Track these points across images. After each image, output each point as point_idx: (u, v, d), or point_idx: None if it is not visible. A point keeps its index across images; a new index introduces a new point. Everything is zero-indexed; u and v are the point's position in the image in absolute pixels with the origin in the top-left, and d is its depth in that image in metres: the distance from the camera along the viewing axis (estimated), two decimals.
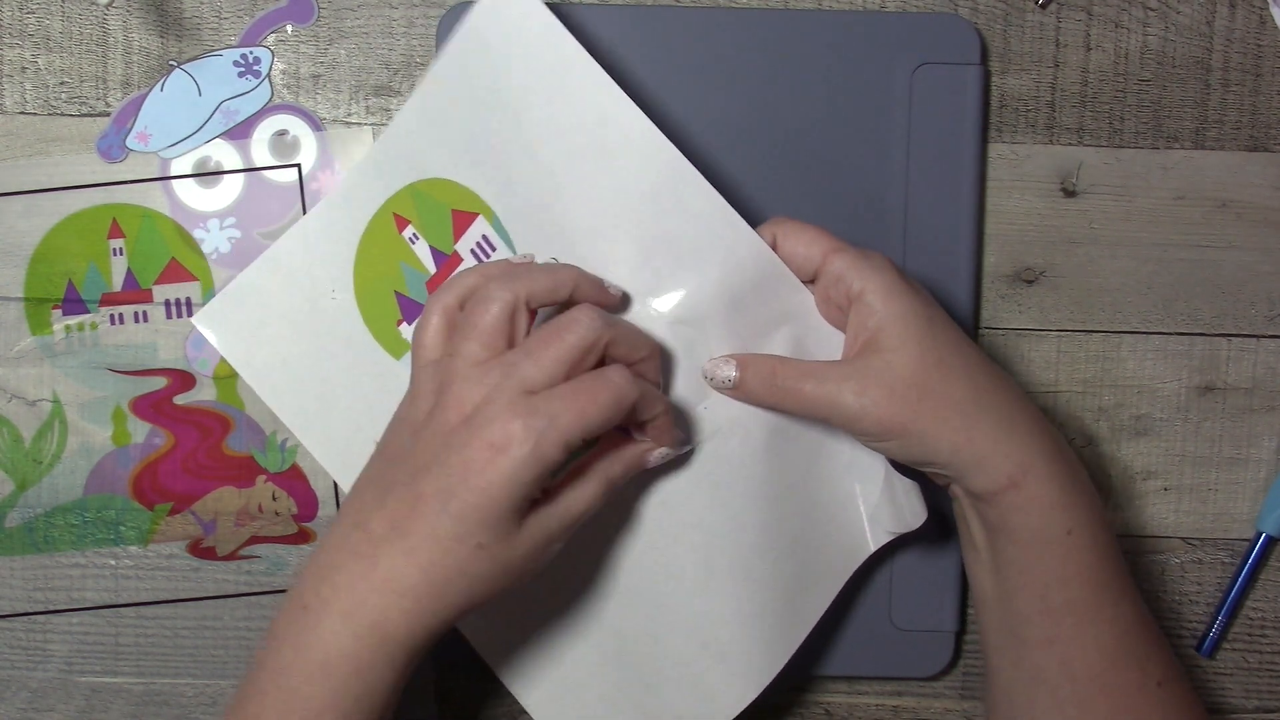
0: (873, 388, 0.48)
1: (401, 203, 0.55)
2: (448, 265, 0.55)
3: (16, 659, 0.60)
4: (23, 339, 0.59)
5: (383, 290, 0.56)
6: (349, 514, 0.48)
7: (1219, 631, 0.60)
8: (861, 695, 0.61)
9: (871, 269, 0.49)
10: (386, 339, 0.56)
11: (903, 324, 0.48)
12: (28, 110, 0.59)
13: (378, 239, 0.55)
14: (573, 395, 0.46)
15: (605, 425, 0.46)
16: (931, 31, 0.58)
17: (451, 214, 0.54)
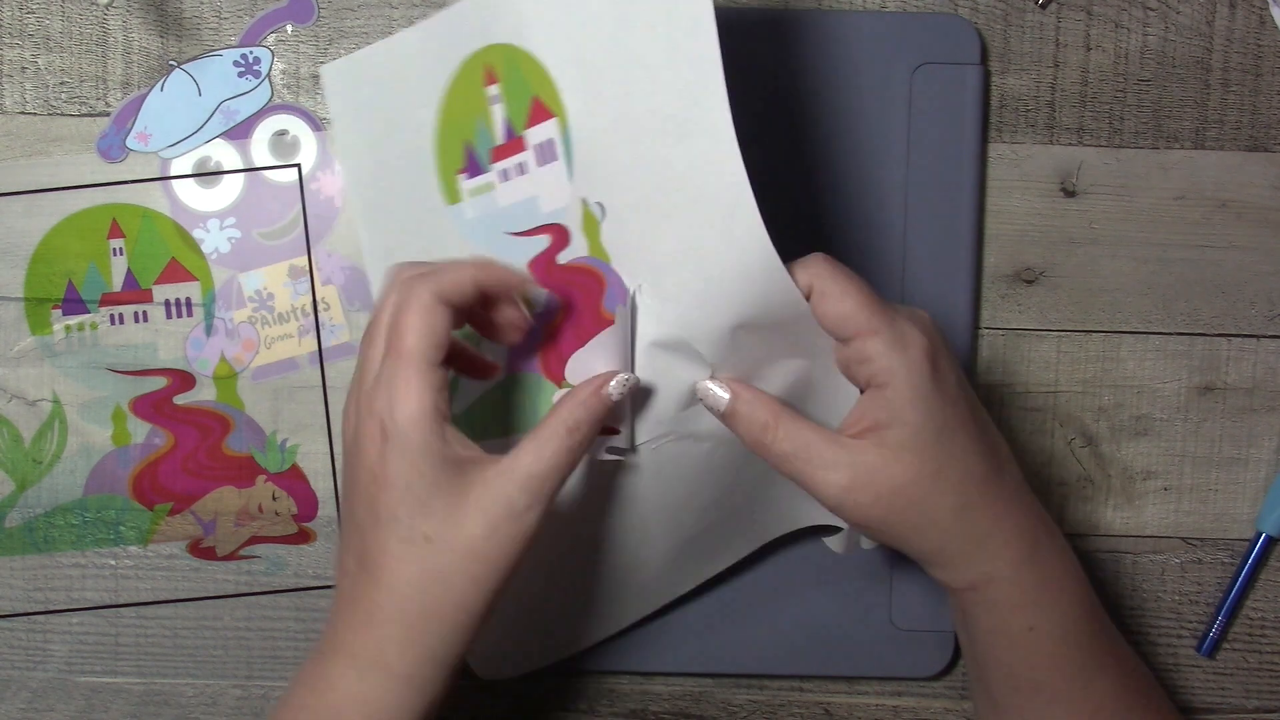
0: (860, 489, 0.46)
1: (495, 57, 0.52)
2: (513, 145, 0.52)
3: (16, 659, 0.60)
4: (23, 339, 0.59)
5: (457, 134, 0.54)
6: (338, 558, 0.48)
7: (1219, 631, 0.60)
8: (861, 695, 0.61)
9: (904, 364, 0.46)
10: (446, 180, 0.54)
11: (914, 431, 0.46)
12: (28, 110, 0.59)
13: (467, 81, 0.53)
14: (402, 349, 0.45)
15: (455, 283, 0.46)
16: (931, 31, 0.58)
17: (532, 100, 0.51)
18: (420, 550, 0.45)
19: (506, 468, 0.45)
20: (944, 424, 0.46)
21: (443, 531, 0.44)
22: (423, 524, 0.44)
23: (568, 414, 0.46)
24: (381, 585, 0.45)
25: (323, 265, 0.59)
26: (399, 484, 0.44)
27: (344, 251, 0.59)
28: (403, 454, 0.44)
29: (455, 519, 0.44)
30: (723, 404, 0.48)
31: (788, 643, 0.60)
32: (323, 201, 0.59)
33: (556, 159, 0.51)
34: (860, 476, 0.46)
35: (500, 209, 0.53)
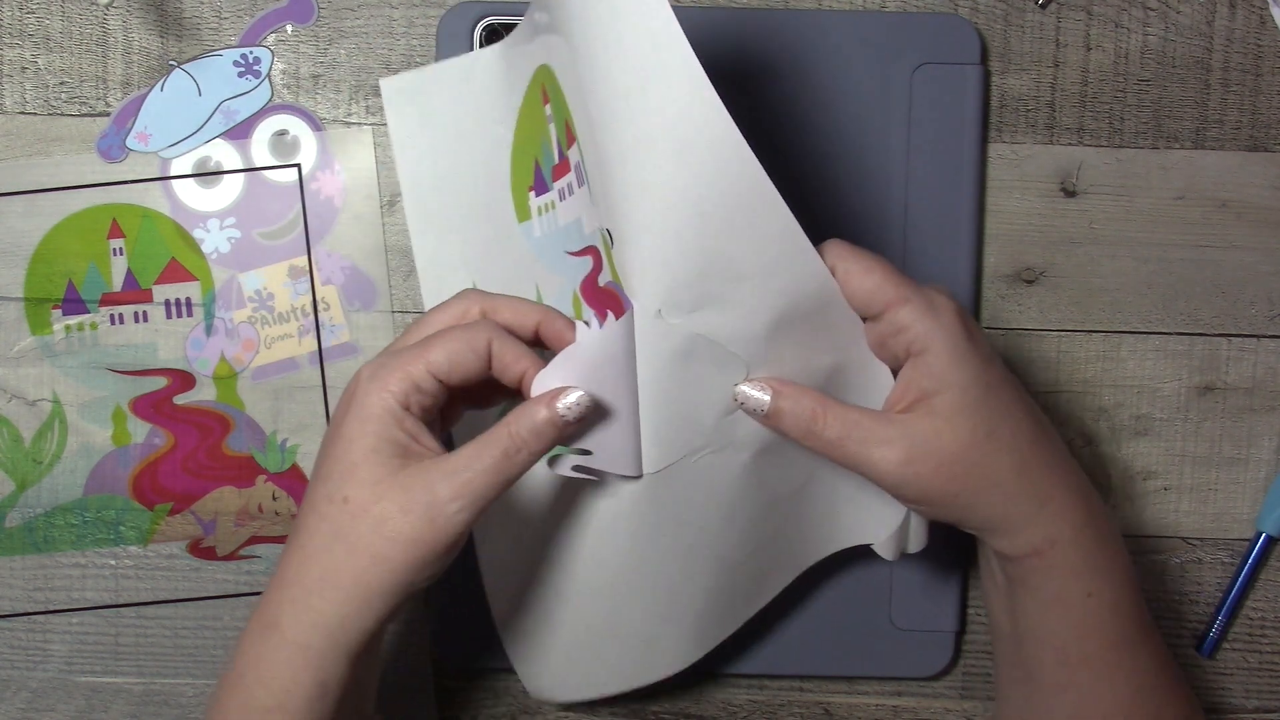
0: (918, 459, 0.46)
1: (546, 77, 0.51)
2: (563, 165, 0.52)
3: (16, 659, 0.60)
4: (23, 339, 0.59)
5: (530, 150, 0.53)
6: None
7: (1219, 631, 0.60)
8: (861, 695, 0.61)
9: (938, 327, 0.46)
10: (519, 197, 0.54)
11: (961, 393, 0.46)
12: (28, 110, 0.59)
13: (533, 99, 0.53)
14: (421, 344, 0.46)
15: (452, 363, 0.46)
16: (931, 31, 0.58)
17: (565, 123, 0.51)
18: (336, 510, 0.45)
19: (442, 461, 0.45)
20: (989, 381, 0.46)
21: (361, 497, 0.44)
22: (347, 487, 0.45)
23: (514, 428, 0.46)
24: (295, 544, 0.46)
25: (323, 265, 0.59)
26: (341, 446, 0.45)
27: (344, 251, 0.59)
28: (358, 422, 0.45)
29: (377, 491, 0.44)
30: (765, 404, 0.48)
31: (788, 643, 0.60)
32: (323, 201, 0.59)
33: (585, 182, 0.50)
34: (916, 448, 0.46)
35: (560, 227, 0.53)
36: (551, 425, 0.46)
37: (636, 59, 0.45)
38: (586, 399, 0.46)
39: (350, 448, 0.45)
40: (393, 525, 0.44)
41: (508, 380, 0.47)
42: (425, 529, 0.44)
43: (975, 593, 0.61)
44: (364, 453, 0.45)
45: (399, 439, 0.45)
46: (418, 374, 0.45)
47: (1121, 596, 0.49)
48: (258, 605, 0.47)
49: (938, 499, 0.47)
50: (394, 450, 0.45)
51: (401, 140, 0.57)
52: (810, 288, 0.47)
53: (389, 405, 0.45)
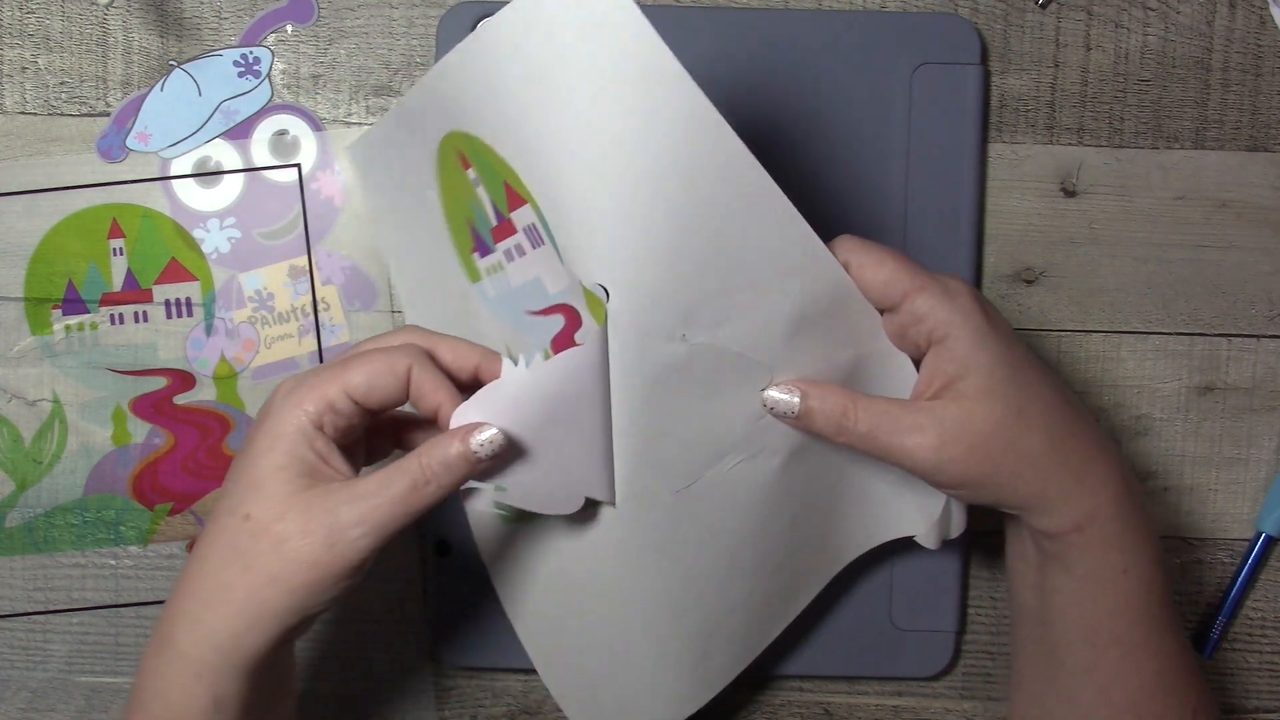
0: (951, 443, 0.46)
1: (461, 143, 0.50)
2: (505, 227, 0.51)
3: (16, 659, 0.60)
4: (23, 339, 0.59)
5: (460, 214, 0.53)
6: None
7: (1219, 631, 0.60)
8: (861, 695, 0.61)
9: (957, 312, 0.47)
10: (464, 259, 0.54)
11: (987, 374, 0.46)
12: (28, 110, 0.59)
13: (448, 166, 0.52)
14: (341, 364, 0.46)
15: (370, 385, 0.45)
16: (931, 31, 0.58)
17: (505, 186, 0.49)
18: (237, 526, 0.44)
19: (349, 486, 0.44)
20: (1013, 361, 0.47)
21: (263, 515, 0.44)
22: (250, 503, 0.44)
23: (426, 460, 0.45)
24: (196, 556, 0.46)
25: (323, 265, 0.59)
26: (249, 461, 0.45)
27: (344, 251, 0.59)
28: (269, 438, 0.45)
29: (279, 509, 0.44)
30: (795, 406, 0.48)
31: (788, 643, 0.60)
32: (323, 201, 0.59)
33: (544, 242, 0.49)
34: (948, 432, 0.46)
35: (514, 288, 0.52)
36: (464, 460, 0.45)
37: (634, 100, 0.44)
38: (501, 437, 0.45)
39: (258, 463, 0.45)
40: (292, 546, 0.44)
41: (424, 410, 0.47)
42: (324, 553, 0.44)
43: (975, 593, 0.61)
44: (271, 469, 0.44)
45: (308, 458, 0.45)
46: (333, 394, 0.45)
47: (1154, 575, 0.49)
48: (159, 616, 0.46)
49: (974, 481, 0.47)
50: (301, 469, 0.44)
51: (373, 204, 0.57)
52: (825, 285, 0.48)
53: (301, 424, 0.45)
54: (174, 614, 0.45)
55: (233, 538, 0.44)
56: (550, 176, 0.47)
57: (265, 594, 0.44)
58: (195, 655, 0.44)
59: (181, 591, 0.46)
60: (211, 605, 0.44)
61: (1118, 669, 0.49)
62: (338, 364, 0.46)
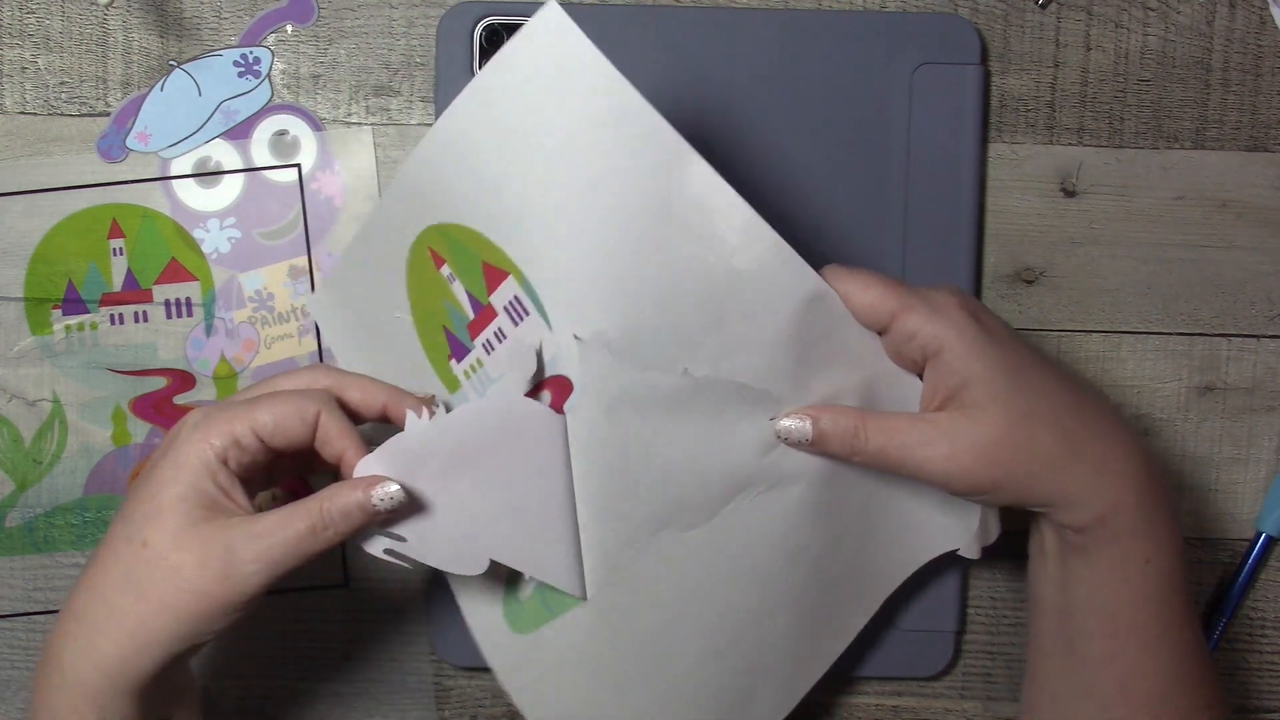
0: (961, 453, 0.47)
1: (434, 239, 0.52)
2: (484, 315, 0.52)
3: (16, 659, 0.60)
4: (23, 339, 0.59)
5: (434, 324, 0.53)
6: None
7: (1219, 631, 0.60)
8: (861, 695, 0.61)
9: (947, 325, 0.47)
10: (442, 372, 0.54)
11: (987, 383, 0.47)
12: (28, 110, 0.59)
13: (420, 271, 0.53)
14: (252, 401, 0.47)
15: (277, 426, 0.46)
16: (931, 31, 0.58)
17: (483, 266, 0.51)
18: (134, 553, 0.45)
19: (247, 522, 0.45)
20: (1011, 365, 0.47)
21: (160, 544, 0.45)
22: (148, 531, 0.45)
23: (326, 505, 0.46)
24: (87, 579, 0.46)
25: (323, 265, 0.59)
26: (151, 489, 0.46)
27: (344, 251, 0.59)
28: (173, 468, 0.46)
29: (177, 540, 0.45)
30: (807, 433, 0.48)
31: None
32: (323, 201, 0.59)
33: (529, 313, 0.50)
34: (958, 442, 0.47)
35: (494, 379, 0.52)
36: (362, 510, 0.46)
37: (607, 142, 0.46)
38: (401, 494, 0.46)
39: (159, 492, 0.45)
40: (185, 576, 0.44)
41: (327, 455, 0.48)
42: (217, 585, 0.44)
43: (975, 593, 0.61)
44: (172, 500, 0.45)
45: (209, 491, 0.46)
46: (240, 431, 0.46)
47: (1175, 565, 0.49)
48: (47, 638, 0.47)
49: (989, 487, 0.47)
50: (202, 501, 0.45)
51: (340, 352, 0.57)
52: (818, 309, 0.48)
53: (205, 457, 0.46)
54: (63, 635, 0.46)
55: (128, 564, 0.45)
56: (535, 233, 0.48)
57: (155, 622, 0.45)
58: (83, 679, 0.45)
59: (71, 612, 0.46)
60: (101, 630, 0.45)
61: (1137, 661, 0.49)
62: (247, 402, 0.47)
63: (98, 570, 0.46)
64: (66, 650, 0.46)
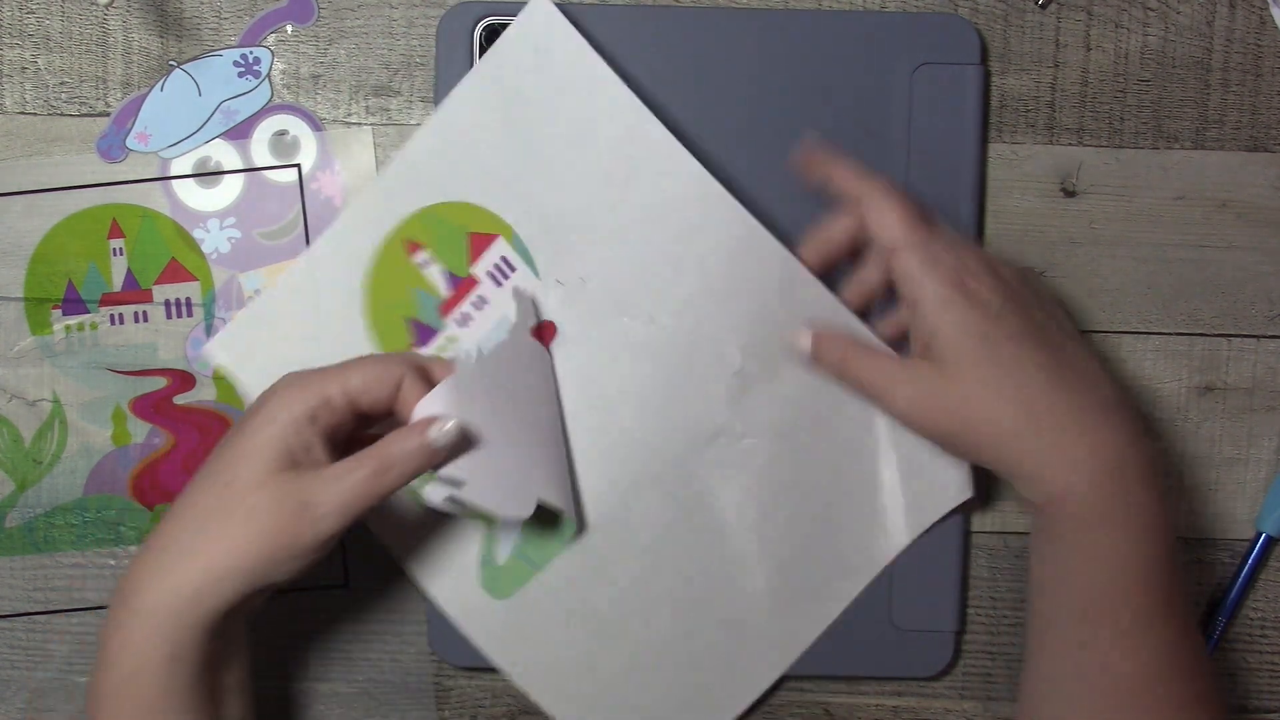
0: (922, 398, 0.50)
1: (413, 228, 0.56)
2: (462, 288, 0.57)
3: (16, 659, 0.60)
4: (23, 339, 0.59)
5: (395, 318, 0.57)
6: None
7: (1219, 631, 0.60)
8: (861, 695, 0.61)
9: (928, 282, 0.50)
10: None
11: (954, 341, 0.49)
12: (28, 110, 0.59)
13: (388, 266, 0.56)
14: (342, 365, 0.50)
15: (365, 387, 0.49)
16: (931, 31, 0.58)
17: (469, 237, 0.56)
18: (217, 492, 0.48)
19: (321, 471, 0.48)
20: (986, 334, 0.49)
21: (242, 485, 0.47)
22: (231, 473, 0.48)
23: (387, 449, 0.48)
24: (170, 515, 0.48)
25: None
26: (239, 439, 0.48)
27: None
28: (263, 422, 0.48)
29: (257, 482, 0.47)
30: (806, 350, 0.54)
31: None
32: (323, 201, 0.59)
33: (515, 269, 0.56)
34: (922, 391, 0.50)
35: (469, 352, 0.56)
36: (422, 450, 0.48)
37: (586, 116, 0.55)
38: (455, 429, 0.49)
39: (246, 442, 0.48)
40: (262, 514, 0.47)
41: (404, 418, 0.50)
42: (290, 523, 0.47)
43: (975, 593, 0.61)
44: (257, 448, 0.48)
45: (293, 446, 0.48)
46: (332, 391, 0.49)
47: (1155, 555, 0.48)
48: (122, 573, 0.49)
49: (944, 440, 0.51)
50: (286, 453, 0.48)
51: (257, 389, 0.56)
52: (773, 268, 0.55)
53: (295, 413, 0.48)
54: (140, 566, 0.48)
55: (210, 502, 0.48)
56: (525, 194, 0.56)
57: (232, 557, 0.47)
58: (158, 607, 0.47)
59: (152, 546, 0.48)
60: (179, 562, 0.47)
61: (1108, 650, 0.49)
62: (338, 366, 0.50)
63: (181, 508, 0.48)
64: (144, 581, 0.47)
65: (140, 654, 0.47)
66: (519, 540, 0.57)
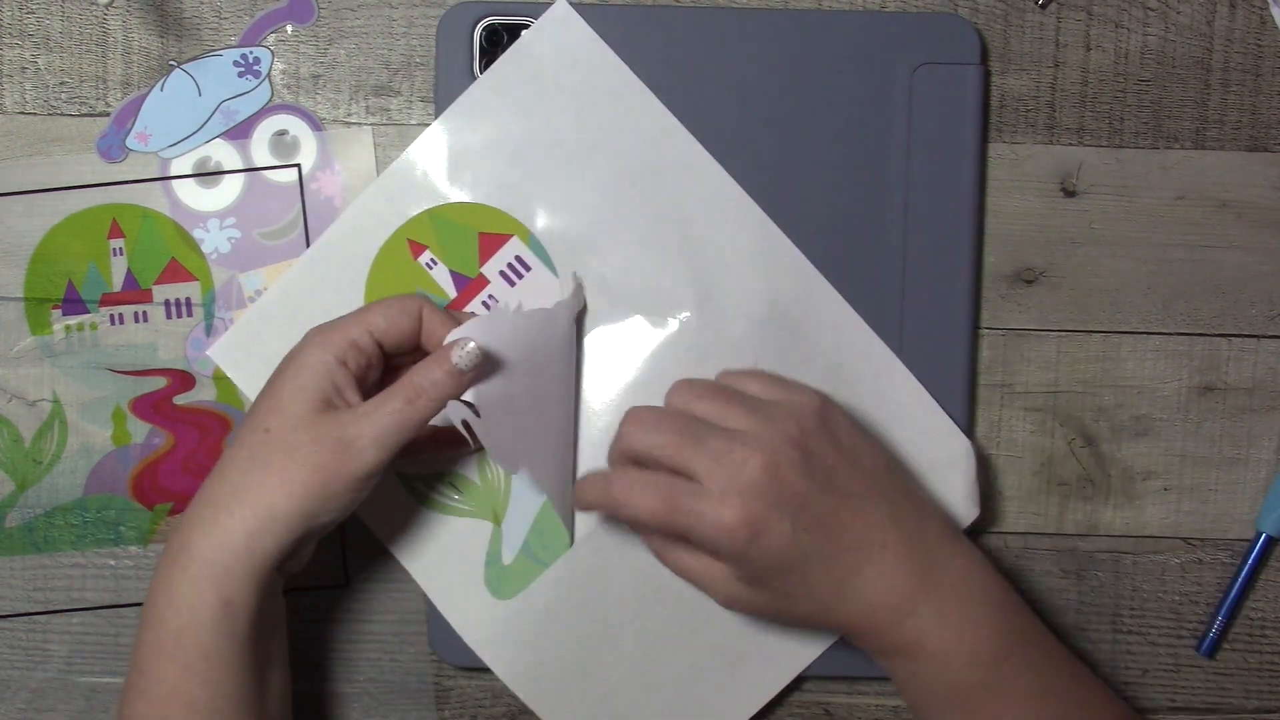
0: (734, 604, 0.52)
1: (417, 228, 0.57)
2: (471, 288, 0.57)
3: (16, 659, 0.60)
4: (23, 339, 0.59)
5: None
6: None
7: (1219, 631, 0.60)
8: (861, 695, 0.61)
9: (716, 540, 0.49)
10: None
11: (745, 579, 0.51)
12: (28, 110, 0.59)
13: (390, 266, 0.57)
14: (362, 309, 0.52)
15: (389, 323, 0.51)
16: (931, 31, 0.58)
17: (479, 237, 0.57)
18: (257, 439, 0.49)
19: (355, 408, 0.50)
20: (779, 568, 0.50)
21: (280, 428, 0.49)
22: (269, 420, 0.49)
23: (416, 379, 0.50)
24: (215, 470, 0.50)
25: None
26: (274, 387, 0.50)
27: None
28: (295, 369, 0.50)
29: (295, 424, 0.49)
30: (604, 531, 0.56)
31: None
32: (323, 201, 0.59)
33: (531, 267, 0.57)
34: (730, 595, 0.52)
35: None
36: (447, 375, 0.50)
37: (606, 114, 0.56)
38: (477, 350, 0.50)
39: (281, 389, 0.50)
40: (303, 453, 0.48)
41: (431, 348, 0.52)
42: (331, 459, 0.48)
43: None
44: (292, 393, 0.49)
45: (326, 389, 0.50)
46: (357, 333, 0.51)
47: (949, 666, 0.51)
48: (175, 527, 0.50)
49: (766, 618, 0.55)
50: (320, 395, 0.49)
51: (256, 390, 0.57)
52: (791, 273, 0.56)
53: (325, 359, 0.50)
54: (190, 520, 0.49)
55: (251, 449, 0.49)
56: (543, 194, 0.56)
57: (276, 496, 0.48)
58: (209, 558, 0.48)
59: (200, 500, 0.49)
60: (226, 509, 0.48)
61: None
62: (358, 310, 0.52)
63: (225, 461, 0.50)
64: (194, 533, 0.48)
65: (191, 608, 0.47)
66: (527, 538, 0.57)
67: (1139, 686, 0.61)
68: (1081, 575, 0.61)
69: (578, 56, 0.56)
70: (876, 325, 0.58)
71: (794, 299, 0.57)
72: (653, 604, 0.57)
